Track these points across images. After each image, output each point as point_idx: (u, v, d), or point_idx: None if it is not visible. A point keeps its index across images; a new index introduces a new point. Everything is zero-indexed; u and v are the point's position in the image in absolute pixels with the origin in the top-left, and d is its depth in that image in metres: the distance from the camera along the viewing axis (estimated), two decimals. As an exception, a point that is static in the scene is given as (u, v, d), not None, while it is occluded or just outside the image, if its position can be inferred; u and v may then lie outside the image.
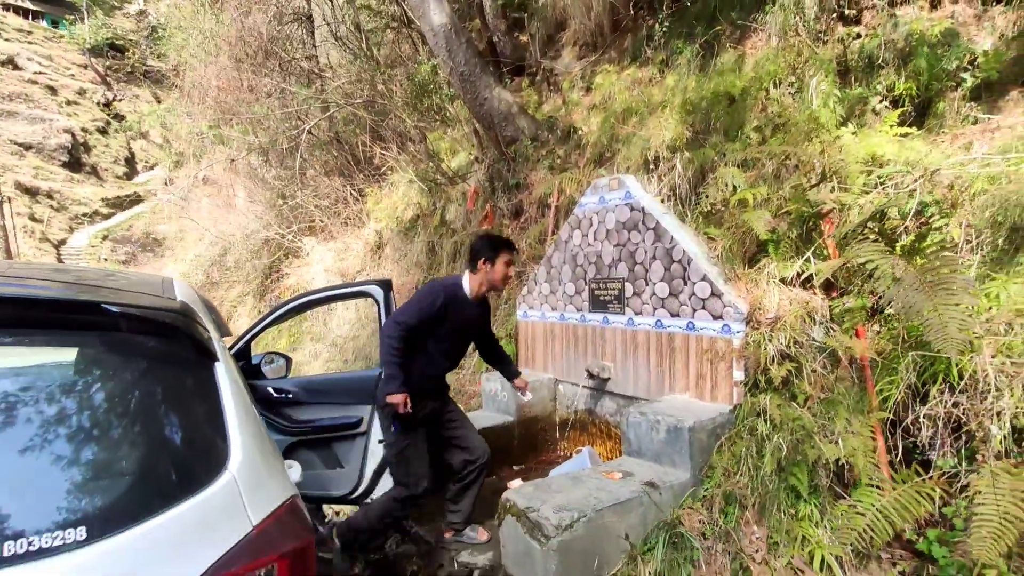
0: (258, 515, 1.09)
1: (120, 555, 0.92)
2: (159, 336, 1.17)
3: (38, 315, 1.06)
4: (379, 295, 2.98)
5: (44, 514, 0.93)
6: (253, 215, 12.19)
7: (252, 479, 1.12)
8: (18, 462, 0.98)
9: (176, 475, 1.04)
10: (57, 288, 1.23)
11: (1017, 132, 3.49)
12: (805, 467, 2.54)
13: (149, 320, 1.15)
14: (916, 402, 2.48)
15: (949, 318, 2.30)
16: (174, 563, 0.96)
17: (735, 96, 4.53)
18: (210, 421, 1.15)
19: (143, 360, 1.14)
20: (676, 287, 3.16)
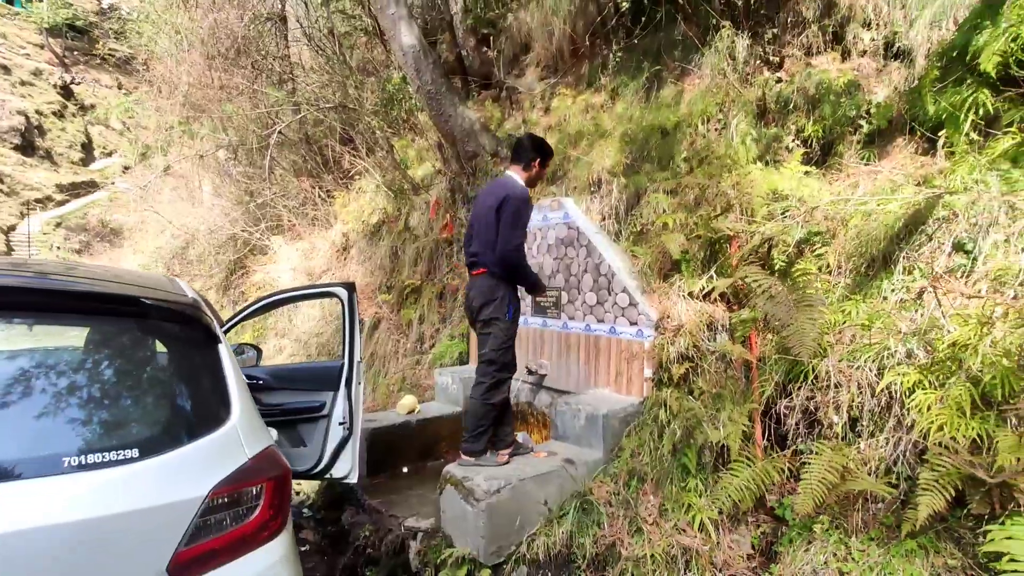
0: (251, 451, 1.53)
1: (161, 469, 1.35)
2: (178, 323, 1.60)
3: (93, 305, 1.48)
4: (344, 296, 3.40)
5: (108, 439, 1.35)
6: (220, 210, 12.31)
7: (246, 427, 1.56)
8: (87, 406, 1.40)
9: (196, 420, 1.48)
10: (93, 284, 1.63)
11: (891, 176, 4.15)
12: (694, 448, 3.09)
13: (172, 311, 1.57)
14: (784, 397, 3.06)
15: (807, 329, 2.89)
16: (197, 477, 1.39)
17: (668, 129, 5.11)
18: (217, 385, 1.58)
19: (167, 339, 1.56)
20: (602, 297, 3.69)
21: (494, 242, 3.06)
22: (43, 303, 1.38)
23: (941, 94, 4.16)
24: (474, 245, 3.19)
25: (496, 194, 3.14)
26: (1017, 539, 2.02)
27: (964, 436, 2.25)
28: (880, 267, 3.40)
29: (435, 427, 4.20)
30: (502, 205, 3.05)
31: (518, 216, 3.05)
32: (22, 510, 1.15)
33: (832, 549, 2.51)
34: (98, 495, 1.24)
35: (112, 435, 1.36)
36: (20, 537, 1.13)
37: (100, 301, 1.46)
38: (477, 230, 3.19)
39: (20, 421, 1.32)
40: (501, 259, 3.05)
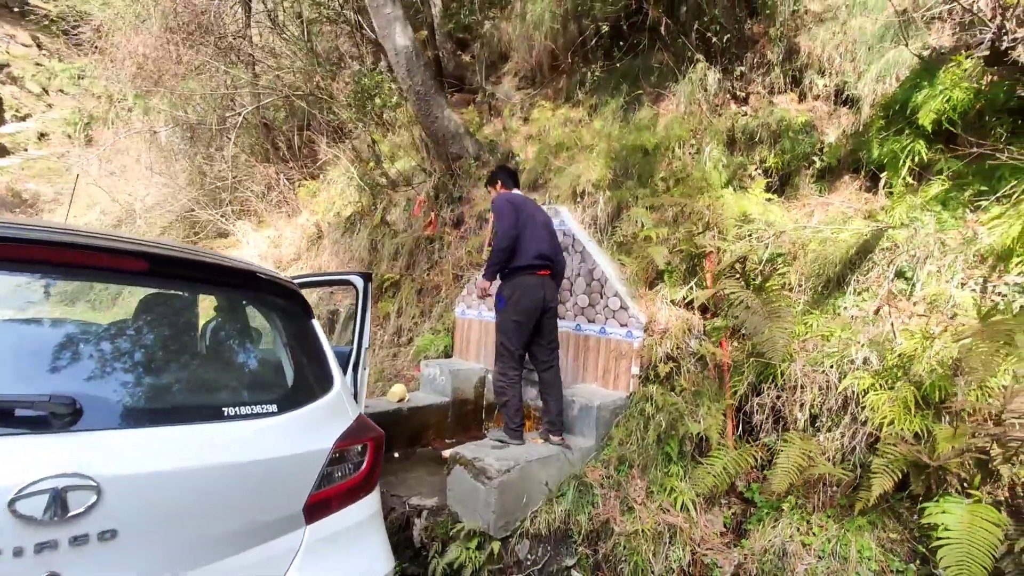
0: (353, 414, 1.72)
1: (294, 423, 1.52)
2: (284, 297, 1.76)
3: (222, 278, 1.63)
4: (360, 284, 3.54)
5: (253, 394, 1.51)
6: (166, 189, 11.79)
7: (345, 393, 1.75)
8: (233, 364, 1.56)
9: (313, 383, 1.65)
10: (218, 259, 1.77)
11: (841, 208, 4.73)
12: (676, 439, 3.47)
13: (280, 286, 1.74)
14: (754, 395, 3.49)
15: (778, 337, 3.33)
16: (321, 432, 1.58)
17: (648, 150, 5.55)
18: (321, 354, 1.76)
19: (277, 312, 1.73)
20: (594, 299, 4.03)
21: (559, 252, 3.78)
22: (187, 274, 1.52)
23: (885, 141, 4.78)
24: (546, 249, 3.65)
25: (545, 213, 3.89)
26: (949, 513, 2.50)
27: (908, 429, 2.72)
28: (834, 287, 3.93)
29: (423, 416, 4.39)
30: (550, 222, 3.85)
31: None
32: (197, 448, 1.31)
33: (796, 525, 2.94)
34: (252, 441, 1.40)
35: (256, 391, 1.52)
36: (197, 473, 1.28)
37: (228, 275, 1.61)
38: (542, 236, 3.65)
39: (187, 375, 1.46)
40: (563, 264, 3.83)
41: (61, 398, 1.14)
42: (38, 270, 1.30)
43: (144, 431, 1.25)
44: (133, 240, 1.49)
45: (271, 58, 10.59)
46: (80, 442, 1.15)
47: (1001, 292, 3.35)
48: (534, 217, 3.68)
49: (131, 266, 1.42)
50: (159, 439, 1.26)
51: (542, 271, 3.58)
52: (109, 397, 1.28)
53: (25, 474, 1.07)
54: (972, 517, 2.44)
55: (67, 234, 1.35)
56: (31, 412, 1.13)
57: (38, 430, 1.13)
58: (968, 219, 3.86)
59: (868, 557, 2.73)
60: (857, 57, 5.65)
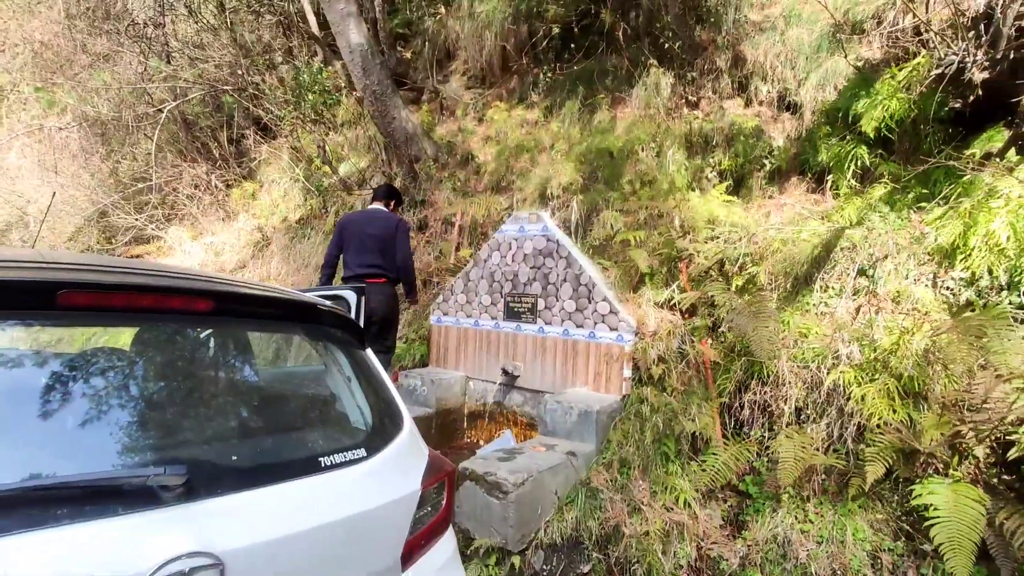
0: (425, 449, 1.64)
1: (384, 466, 1.42)
2: (341, 328, 1.64)
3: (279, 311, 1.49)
4: (352, 300, 3.37)
5: (342, 439, 1.39)
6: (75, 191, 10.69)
7: (414, 428, 1.66)
8: (316, 408, 1.43)
9: (389, 420, 1.55)
10: (279, 292, 1.61)
11: (796, 209, 5.03)
12: (673, 438, 3.58)
13: (338, 316, 1.62)
14: (741, 392, 3.67)
15: (763, 336, 3.51)
16: (408, 472, 1.48)
17: (614, 153, 5.67)
18: (386, 386, 1.65)
19: (336, 344, 1.61)
20: (582, 304, 4.07)
21: (394, 257, 4.16)
22: (253, 311, 1.37)
23: (830, 146, 5.14)
24: (372, 260, 4.13)
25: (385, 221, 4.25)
26: (936, 494, 2.74)
27: (894, 419, 2.96)
28: (802, 285, 4.18)
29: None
30: (397, 230, 4.22)
31: (407, 238, 4.27)
32: (305, 506, 1.18)
33: (795, 514, 3.12)
34: (351, 491, 1.29)
35: (342, 436, 1.40)
36: (309, 535, 1.16)
37: (289, 309, 1.47)
38: (369, 248, 4.15)
39: (275, 424, 1.31)
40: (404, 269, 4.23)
41: (175, 469, 1.01)
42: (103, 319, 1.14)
43: (253, 493, 1.12)
44: (191, 275, 1.34)
45: (191, 49, 9.85)
46: (196, 514, 1.02)
47: (948, 287, 3.70)
48: (362, 232, 4.19)
49: (195, 306, 1.27)
50: (268, 501, 1.13)
51: (371, 279, 4.07)
52: (214, 459, 1.14)
53: (146, 559, 0.93)
54: (956, 496, 2.69)
55: (122, 272, 1.20)
56: (142, 487, 0.98)
57: (152, 506, 0.98)
58: (913, 219, 4.23)
59: (862, 539, 2.94)
60: (797, 66, 6.03)
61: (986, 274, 3.50)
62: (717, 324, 4.10)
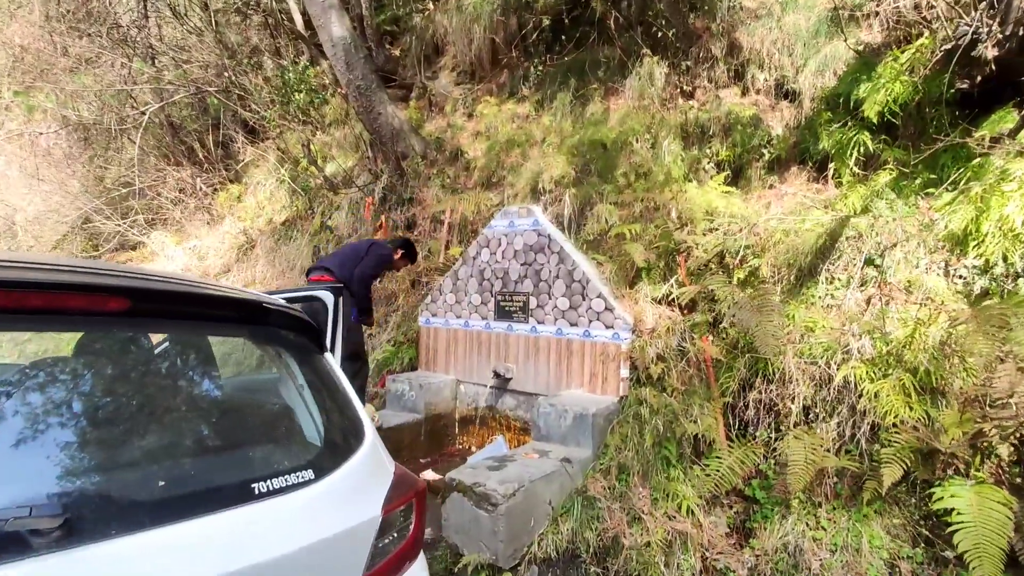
0: (391, 466, 1.43)
1: (336, 489, 1.21)
2: (294, 330, 1.44)
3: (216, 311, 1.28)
4: (329, 300, 3.16)
5: (284, 460, 1.18)
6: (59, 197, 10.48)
7: (378, 442, 1.46)
8: (253, 423, 1.22)
9: (345, 434, 1.35)
10: (216, 289, 1.40)
11: (798, 199, 4.83)
12: (674, 441, 3.38)
13: (290, 316, 1.41)
14: (745, 391, 3.46)
15: (768, 331, 3.30)
16: (367, 496, 1.27)
17: (607, 145, 5.47)
18: (345, 397, 1.45)
19: (286, 348, 1.41)
20: (576, 302, 3.86)
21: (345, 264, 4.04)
22: (179, 311, 1.16)
23: (831, 133, 4.95)
24: (328, 262, 4.09)
25: (368, 242, 4.24)
26: (958, 497, 2.54)
27: (911, 417, 2.76)
28: (806, 277, 3.99)
29: (395, 436, 4.05)
30: (370, 248, 4.12)
31: (378, 262, 4.14)
32: (228, 547, 0.98)
33: (806, 520, 2.92)
34: (293, 522, 1.09)
35: (285, 455, 1.19)
36: None
37: (228, 308, 1.26)
38: (337, 253, 4.18)
39: (201, 445, 1.11)
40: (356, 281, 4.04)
41: (46, 507, 0.80)
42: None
43: (158, 533, 0.91)
44: (101, 270, 1.14)
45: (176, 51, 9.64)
46: (78, 565, 0.81)
47: (961, 275, 3.50)
48: (346, 245, 4.35)
49: (104, 306, 1.07)
50: (179, 541, 0.93)
51: (314, 277, 4.03)
52: (111, 492, 0.93)
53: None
54: (980, 499, 2.50)
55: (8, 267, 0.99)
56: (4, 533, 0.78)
57: (18, 556, 0.77)
58: (921, 206, 4.03)
59: (879, 546, 2.74)
60: (794, 53, 5.84)
61: (1001, 261, 3.31)
62: (718, 320, 3.90)
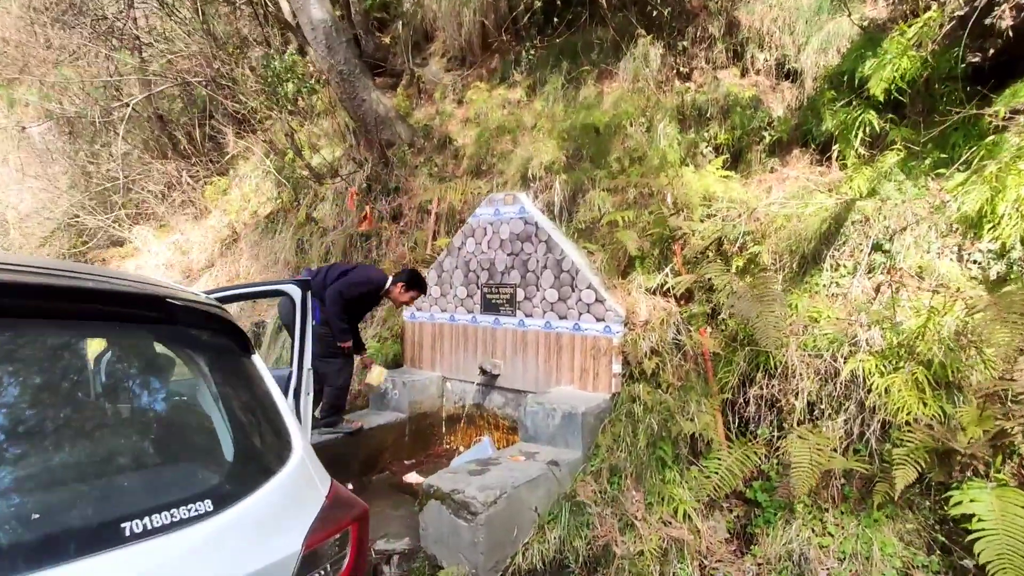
0: (324, 488, 1.22)
1: (242, 522, 1.00)
2: (210, 330, 1.22)
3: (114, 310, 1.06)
4: (297, 295, 2.94)
5: (172, 490, 0.97)
6: (47, 193, 10.28)
7: (310, 458, 1.25)
8: (134, 448, 1.00)
9: (261, 455, 1.13)
10: (104, 281, 1.19)
11: (800, 182, 4.60)
12: (669, 441, 3.16)
13: (203, 313, 1.20)
14: (746, 386, 3.24)
15: (769, 322, 3.08)
16: (283, 528, 1.06)
17: (599, 129, 5.22)
18: (271, 408, 1.24)
19: (199, 351, 1.19)
20: (565, 293, 3.64)
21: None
22: (53, 307, 0.95)
23: (835, 113, 4.70)
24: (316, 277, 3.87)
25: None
26: (978, 501, 2.32)
27: (925, 414, 2.54)
28: (810, 264, 3.76)
29: (378, 436, 3.86)
30: (352, 270, 3.84)
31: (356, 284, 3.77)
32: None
33: (811, 526, 2.70)
34: (176, 570, 0.88)
35: (176, 483, 0.98)
36: None
37: (120, 304, 1.05)
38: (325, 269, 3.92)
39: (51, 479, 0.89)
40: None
41: None
42: None
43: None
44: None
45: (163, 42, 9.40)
46: None
47: (976, 260, 3.27)
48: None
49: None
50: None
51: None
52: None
53: None
54: (1002, 503, 2.28)
55: None
56: None
57: None
58: (931, 187, 3.79)
59: (891, 554, 2.53)
60: (795, 31, 5.56)
61: (1018, 244, 3.08)
62: (716, 310, 3.68)
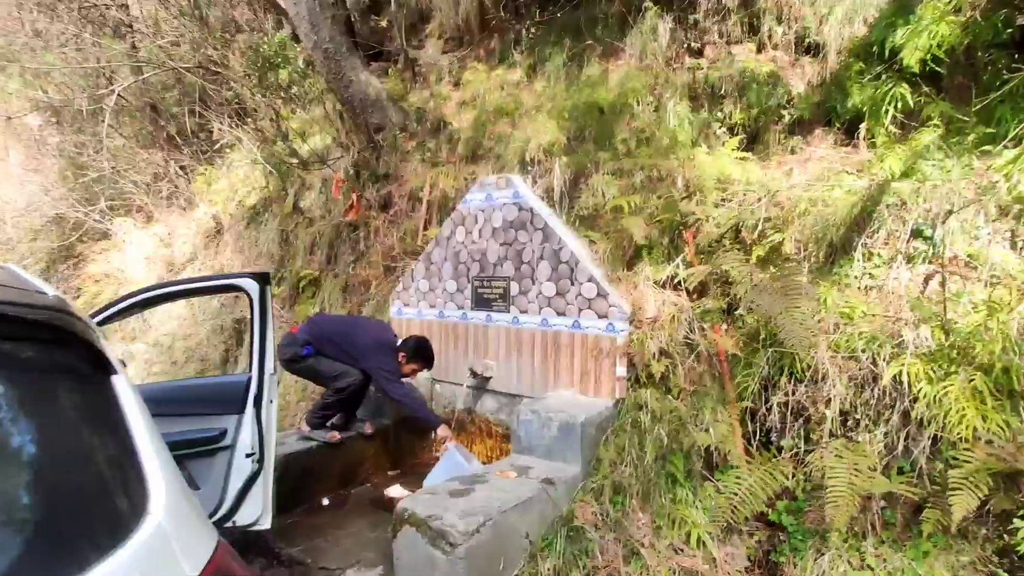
0: (195, 568, 0.86)
1: None
2: (36, 341, 0.86)
3: None
4: (254, 290, 2.59)
5: None
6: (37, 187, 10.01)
7: (181, 522, 0.89)
8: None
9: (87, 524, 0.77)
10: None
11: (824, 164, 4.19)
12: (680, 454, 2.78)
13: (22, 320, 0.84)
14: (768, 392, 2.85)
15: (795, 318, 2.69)
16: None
17: (604, 109, 4.82)
18: (118, 452, 0.88)
19: (14, 373, 0.83)
20: (563, 287, 3.26)
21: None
22: None
23: (862, 87, 4.28)
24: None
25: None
26: (1055, 535, 1.93)
27: (985, 429, 2.14)
28: (838, 253, 3.36)
29: (358, 445, 3.51)
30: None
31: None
32: None
33: (847, 557, 2.32)
34: None
35: None
36: None
37: None
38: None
39: None
40: None
41: None
42: None
43: None
44: None
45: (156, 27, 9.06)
46: None
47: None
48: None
49: None
50: None
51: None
52: None
53: None
54: (1085, 539, 1.89)
55: None
56: None
57: None
58: (976, 167, 3.37)
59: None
60: (817, 1, 5.12)
61: (1085, 228, 2.67)
62: (733, 306, 3.29)
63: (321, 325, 3.64)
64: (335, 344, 3.50)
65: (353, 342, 3.50)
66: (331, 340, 3.51)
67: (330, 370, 3.44)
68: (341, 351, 3.49)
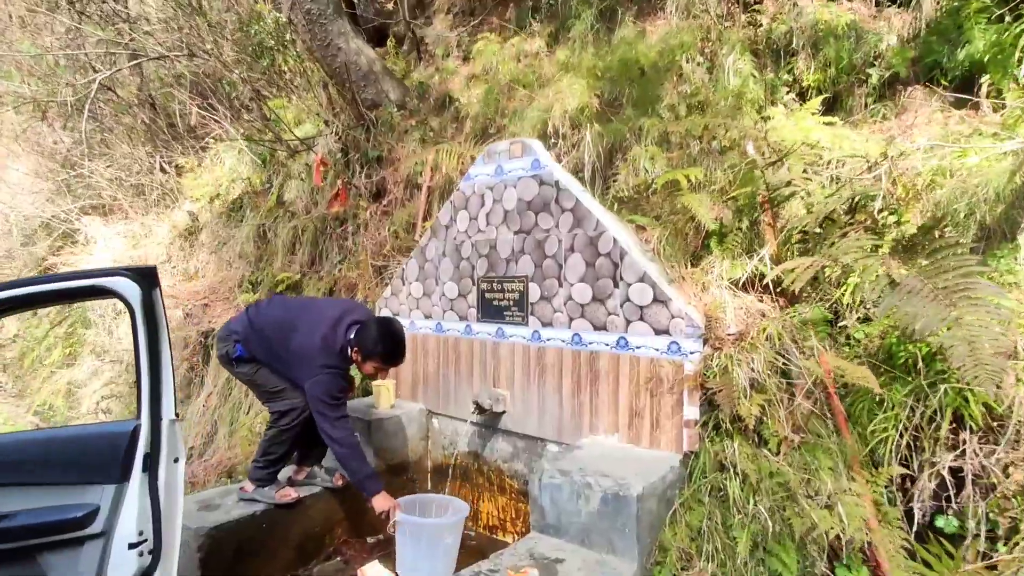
0: None
1: None
2: None
3: None
4: (133, 296, 1.69)
5: None
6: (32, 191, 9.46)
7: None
8: None
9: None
10: None
11: (935, 128, 3.23)
12: (792, 545, 1.82)
13: None
14: (921, 448, 1.88)
15: (976, 337, 1.72)
16: None
17: (645, 67, 3.89)
18: None
19: None
20: (603, 289, 2.32)
21: None
22: None
23: (983, 32, 3.34)
24: None
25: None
26: None
27: None
28: (995, 238, 2.39)
29: (322, 506, 2.60)
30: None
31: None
32: None
33: None
34: None
35: None
36: None
37: None
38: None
39: None
40: None
41: None
42: None
43: None
44: None
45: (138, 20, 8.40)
46: None
47: None
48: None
49: None
50: None
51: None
52: None
53: None
54: None
55: None
56: None
57: None
58: None
59: None
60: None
61: None
62: (838, 314, 2.34)
63: (266, 312, 2.56)
64: (267, 346, 2.47)
65: (286, 342, 2.44)
66: (266, 338, 2.47)
67: (270, 384, 2.47)
68: (272, 355, 2.47)
